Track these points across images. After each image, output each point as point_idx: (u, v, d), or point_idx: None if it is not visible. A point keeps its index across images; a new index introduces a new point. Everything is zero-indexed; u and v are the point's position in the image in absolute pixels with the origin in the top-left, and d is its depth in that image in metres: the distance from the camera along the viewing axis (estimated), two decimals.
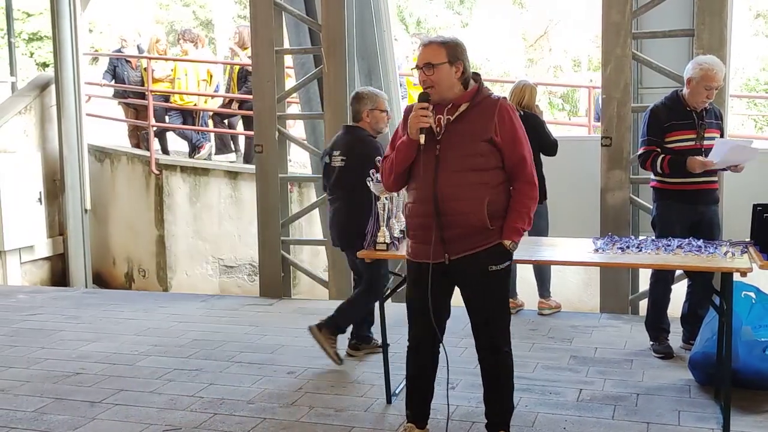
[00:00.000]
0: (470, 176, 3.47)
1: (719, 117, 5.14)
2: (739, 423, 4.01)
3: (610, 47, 6.23)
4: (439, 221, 3.48)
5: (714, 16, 5.99)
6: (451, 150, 3.49)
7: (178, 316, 6.59)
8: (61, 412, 4.40)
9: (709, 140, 4.99)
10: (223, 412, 4.36)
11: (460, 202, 3.46)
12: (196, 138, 10.13)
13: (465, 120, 3.51)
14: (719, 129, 5.12)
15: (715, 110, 5.13)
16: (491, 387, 3.71)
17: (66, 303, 7.24)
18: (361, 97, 5.13)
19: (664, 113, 5.07)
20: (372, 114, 5.10)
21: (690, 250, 4.11)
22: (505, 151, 3.51)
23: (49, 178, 9.77)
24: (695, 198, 5.05)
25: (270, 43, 7.07)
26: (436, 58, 3.49)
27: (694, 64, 5.01)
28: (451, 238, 3.49)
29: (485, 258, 3.52)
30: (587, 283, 7.81)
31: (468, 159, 3.47)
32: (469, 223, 3.48)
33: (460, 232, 3.49)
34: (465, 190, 3.47)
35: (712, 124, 5.07)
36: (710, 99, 4.97)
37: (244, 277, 9.48)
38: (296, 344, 5.63)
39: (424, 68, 3.51)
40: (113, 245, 10.54)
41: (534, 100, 6.28)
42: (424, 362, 3.77)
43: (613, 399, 4.43)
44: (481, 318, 3.63)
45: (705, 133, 5.00)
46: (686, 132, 5.01)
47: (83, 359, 5.38)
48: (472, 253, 3.51)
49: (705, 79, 4.90)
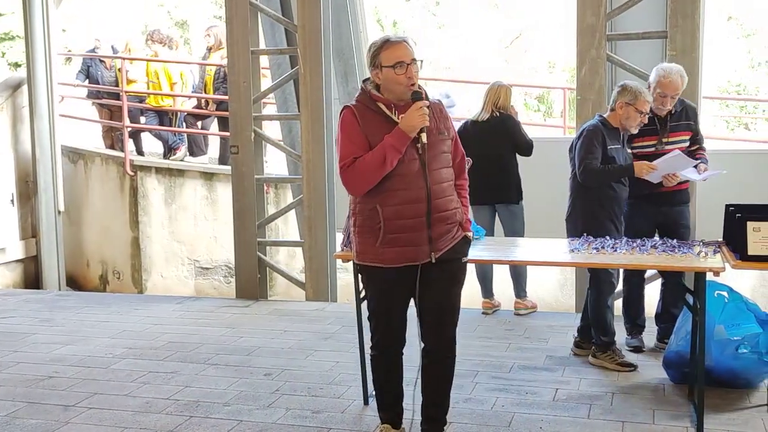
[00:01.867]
0: (445, 173, 3.57)
1: (692, 117, 5.18)
2: (712, 421, 4.05)
3: (585, 49, 6.27)
4: (429, 220, 3.49)
5: (686, 18, 6.05)
6: (430, 149, 3.50)
7: (153, 318, 6.54)
8: (34, 417, 4.35)
9: (673, 144, 5.06)
10: (199, 415, 4.33)
11: (445, 200, 3.54)
12: (172, 139, 10.07)
13: (431, 118, 3.53)
14: (690, 131, 5.15)
15: (688, 110, 5.18)
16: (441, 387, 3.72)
17: (39, 306, 7.17)
18: (624, 88, 4.91)
19: None
20: (626, 109, 4.88)
21: (664, 249, 4.15)
22: (454, 147, 3.67)
23: (21, 180, 9.66)
24: (660, 199, 5.13)
25: (246, 43, 7.05)
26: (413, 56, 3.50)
27: (654, 70, 5.11)
28: (437, 236, 3.52)
29: (459, 251, 3.62)
30: (563, 283, 7.86)
31: (442, 157, 3.57)
32: (454, 219, 3.58)
33: (445, 229, 3.54)
34: (447, 186, 3.57)
35: (681, 126, 5.12)
36: (666, 106, 5.02)
37: (220, 279, 9.44)
38: (272, 346, 5.61)
39: (411, 64, 3.46)
40: (87, 247, 10.45)
41: (509, 101, 6.32)
42: (393, 366, 3.78)
43: (588, 398, 4.45)
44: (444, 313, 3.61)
45: (669, 138, 5.06)
46: (647, 138, 5.10)
47: (56, 362, 5.33)
48: (451, 247, 3.57)
49: (659, 85, 4.99)
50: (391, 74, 3.46)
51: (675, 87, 4.98)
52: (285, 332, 5.98)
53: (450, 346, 3.67)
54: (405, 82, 3.46)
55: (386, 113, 3.51)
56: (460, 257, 3.63)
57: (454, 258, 3.60)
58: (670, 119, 5.09)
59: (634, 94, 4.81)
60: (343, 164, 3.49)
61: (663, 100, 5.00)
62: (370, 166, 3.44)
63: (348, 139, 3.51)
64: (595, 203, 4.92)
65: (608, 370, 4.88)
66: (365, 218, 3.55)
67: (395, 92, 3.50)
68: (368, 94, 3.55)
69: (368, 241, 3.55)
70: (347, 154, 3.49)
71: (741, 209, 4.12)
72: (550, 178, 6.94)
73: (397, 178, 3.47)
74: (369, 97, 3.55)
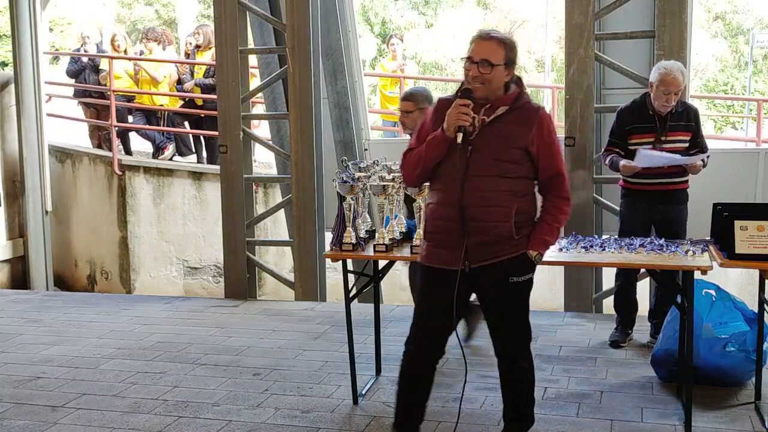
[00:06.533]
0: (499, 183, 3.31)
1: (693, 119, 5.18)
2: (700, 419, 4.07)
3: (573, 48, 6.29)
4: (464, 227, 3.30)
5: (674, 17, 6.08)
6: (483, 153, 3.30)
7: (141, 318, 6.52)
8: (22, 417, 4.33)
9: (671, 143, 5.07)
10: (188, 415, 4.32)
11: (487, 209, 3.31)
12: (160, 139, 10.04)
13: (502, 123, 3.32)
14: (689, 131, 5.14)
15: (689, 111, 5.18)
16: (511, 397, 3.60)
17: (27, 306, 7.13)
18: None
19: (627, 116, 5.21)
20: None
21: (652, 248, 4.17)
22: (541, 162, 3.37)
23: (8, 179, 9.62)
24: (655, 197, 5.16)
25: (234, 42, 7.03)
26: (495, 57, 3.28)
27: (655, 69, 5.10)
28: (473, 246, 3.32)
29: (507, 268, 3.37)
30: (551, 282, 7.87)
31: (499, 164, 3.31)
32: (496, 231, 3.32)
33: (484, 240, 3.32)
34: (493, 196, 3.31)
35: (680, 126, 5.12)
36: (670, 103, 5.03)
37: (209, 279, 9.41)
38: (262, 345, 5.60)
39: (479, 64, 3.28)
40: (75, 247, 10.41)
41: None
42: (424, 373, 3.55)
43: (577, 397, 4.47)
44: (497, 328, 3.49)
45: (667, 137, 5.07)
46: (646, 135, 5.10)
47: (44, 363, 5.30)
48: (494, 261, 3.35)
49: (662, 83, 4.99)
50: (465, 68, 3.35)
51: (677, 83, 4.98)
52: (274, 332, 5.97)
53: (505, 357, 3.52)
54: (468, 79, 3.31)
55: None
56: (507, 277, 3.37)
57: (500, 276, 3.36)
58: (670, 118, 5.10)
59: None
60: (403, 153, 3.54)
61: (667, 97, 5.00)
62: (413, 159, 3.44)
63: (417, 131, 3.53)
64: None
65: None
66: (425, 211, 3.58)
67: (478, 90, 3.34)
68: (459, 88, 3.39)
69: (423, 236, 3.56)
70: (409, 146, 3.52)
71: (729, 208, 4.14)
72: None
73: (441, 177, 3.39)
74: (457, 92, 3.39)
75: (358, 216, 4.27)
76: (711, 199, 4.47)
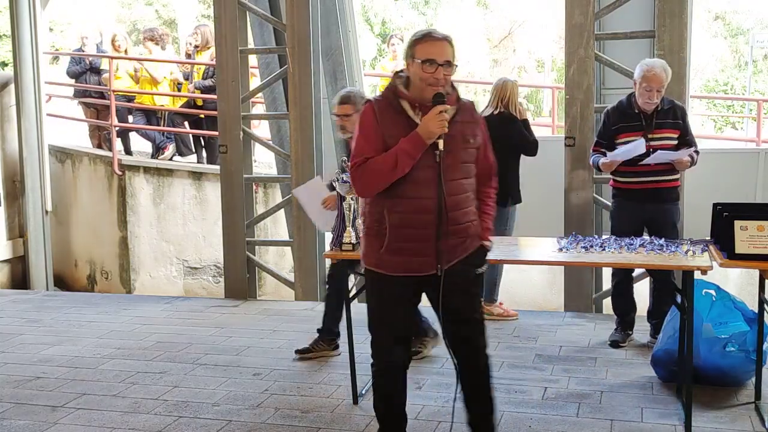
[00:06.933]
0: (464, 184, 3.33)
1: (680, 116, 5.20)
2: (700, 419, 4.07)
3: (573, 48, 6.29)
4: (439, 232, 3.22)
5: (674, 17, 6.08)
6: (450, 156, 3.25)
7: (141, 318, 6.52)
8: (22, 417, 4.33)
9: (659, 141, 5.08)
10: (188, 415, 4.32)
11: (463, 211, 3.31)
12: (160, 139, 10.04)
13: (458, 124, 3.28)
14: (677, 129, 5.16)
15: (676, 110, 5.20)
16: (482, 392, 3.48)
17: (26, 306, 7.13)
18: None
19: (613, 116, 5.26)
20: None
21: (652, 248, 4.17)
22: (481, 155, 3.41)
23: (8, 179, 9.61)
24: (644, 196, 5.18)
25: (234, 42, 7.03)
26: (453, 58, 3.26)
27: (638, 66, 5.15)
28: (448, 248, 3.27)
29: (473, 262, 3.38)
30: (551, 282, 7.88)
31: (463, 166, 3.32)
32: (470, 231, 3.36)
33: (458, 241, 3.32)
34: (464, 198, 3.32)
35: (667, 124, 5.14)
36: (652, 100, 5.05)
37: (209, 279, 9.41)
38: (261, 345, 5.60)
39: (443, 66, 3.21)
40: (75, 247, 10.40)
41: (517, 97, 6.08)
42: (404, 383, 3.51)
43: (577, 397, 4.47)
44: (465, 320, 3.39)
45: (654, 134, 5.08)
46: (632, 134, 5.12)
47: (44, 363, 5.30)
48: (461, 258, 3.34)
49: (644, 80, 5.02)
50: (419, 70, 3.21)
51: (659, 80, 5.01)
52: (274, 332, 5.97)
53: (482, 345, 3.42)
54: (431, 82, 3.20)
55: (408, 113, 3.26)
56: (474, 268, 3.38)
57: (467, 269, 3.35)
58: (657, 116, 5.11)
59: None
60: (354, 163, 3.28)
61: (649, 94, 5.03)
62: (381, 170, 3.21)
63: (363, 136, 3.28)
64: None
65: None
66: (373, 221, 3.33)
67: (421, 91, 3.25)
68: (394, 89, 3.30)
69: (373, 245, 3.33)
70: (359, 153, 3.27)
71: (728, 208, 4.14)
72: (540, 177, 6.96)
73: (409, 184, 3.23)
74: (394, 93, 3.29)
75: (357, 216, 4.26)
76: (711, 199, 4.47)
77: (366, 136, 3.28)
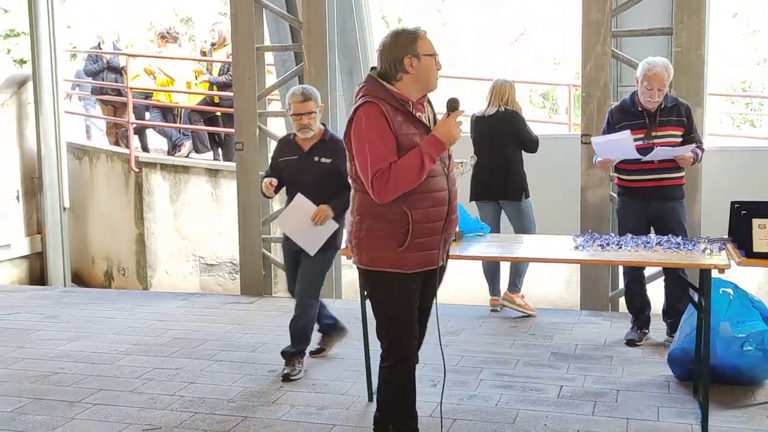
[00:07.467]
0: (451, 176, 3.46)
1: (684, 114, 5.18)
2: (717, 418, 4.05)
3: (590, 45, 6.26)
4: (446, 223, 3.36)
5: (692, 14, 6.04)
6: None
7: (158, 314, 6.56)
8: (40, 413, 4.37)
9: (662, 138, 5.07)
10: (204, 411, 4.34)
11: (455, 202, 3.44)
12: (176, 136, 10.09)
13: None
14: (681, 126, 5.15)
15: (680, 107, 5.18)
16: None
17: (44, 302, 7.18)
18: None
19: (617, 115, 5.27)
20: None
21: (669, 246, 4.14)
22: None
23: (26, 176, 9.69)
24: (647, 194, 5.18)
25: (251, 40, 7.05)
26: None
27: (640, 64, 5.16)
28: (446, 239, 3.42)
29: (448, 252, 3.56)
30: (568, 280, 7.86)
31: (449, 160, 3.43)
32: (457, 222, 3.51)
33: (452, 232, 3.46)
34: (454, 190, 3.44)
35: (671, 122, 5.13)
36: (654, 98, 5.04)
37: (225, 276, 9.44)
38: (277, 342, 5.61)
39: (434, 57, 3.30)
40: (92, 244, 10.47)
41: (514, 97, 6.26)
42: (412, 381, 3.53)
43: (593, 395, 4.45)
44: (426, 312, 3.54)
45: (657, 132, 5.07)
46: (636, 132, 5.10)
47: (62, 359, 5.34)
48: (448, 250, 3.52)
49: (645, 78, 5.04)
50: (431, 64, 3.27)
51: (660, 79, 5.01)
52: None
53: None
54: (433, 74, 3.30)
55: (410, 111, 3.29)
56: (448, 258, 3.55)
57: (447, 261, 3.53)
58: (660, 113, 5.11)
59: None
60: (379, 170, 3.18)
61: (650, 93, 5.04)
62: (409, 174, 3.19)
63: (380, 140, 3.20)
64: None
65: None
66: (388, 222, 3.28)
67: (423, 85, 3.30)
68: (384, 88, 3.29)
69: (388, 245, 3.29)
70: (381, 158, 3.18)
71: (746, 206, 4.11)
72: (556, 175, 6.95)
73: (428, 179, 3.27)
74: (388, 92, 3.28)
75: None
76: (728, 197, 4.44)
77: (383, 139, 3.22)
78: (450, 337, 5.62)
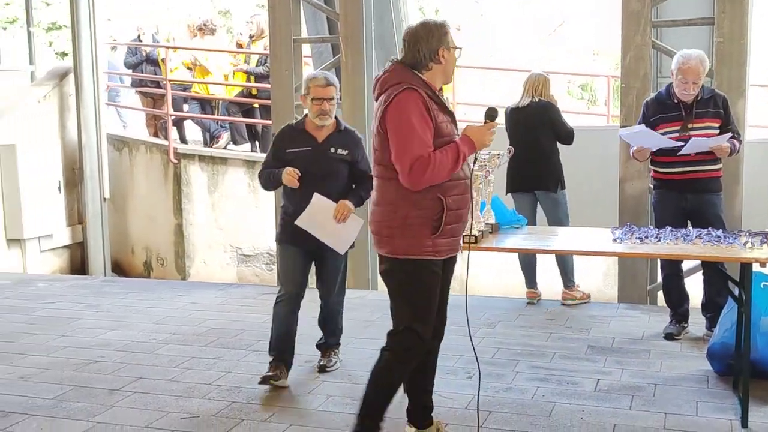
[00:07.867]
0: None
1: (721, 106, 5.11)
2: (757, 414, 3.99)
3: (630, 36, 6.18)
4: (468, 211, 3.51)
5: (734, 3, 5.93)
6: None
7: (196, 304, 6.63)
8: (81, 400, 4.44)
9: (699, 130, 5.00)
10: (240, 401, 4.38)
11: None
12: (214, 128, 10.17)
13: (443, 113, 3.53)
14: (718, 118, 5.08)
15: (717, 99, 5.11)
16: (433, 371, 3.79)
17: (85, 291, 7.30)
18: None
19: (652, 107, 5.22)
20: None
21: (709, 240, 4.08)
22: None
23: (68, 167, 9.84)
24: (682, 186, 5.12)
25: (288, 32, 7.07)
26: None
27: (675, 57, 5.09)
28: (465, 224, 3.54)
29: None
30: (606, 273, 7.79)
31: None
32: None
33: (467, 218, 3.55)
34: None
35: (708, 114, 5.06)
36: (689, 91, 4.99)
37: (262, 266, 9.51)
38: (313, 333, 5.62)
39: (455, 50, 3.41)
40: (132, 234, 10.61)
41: (548, 90, 6.26)
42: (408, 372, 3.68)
43: (630, 389, 4.41)
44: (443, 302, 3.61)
45: (694, 124, 5.00)
46: (671, 124, 5.07)
47: (102, 347, 5.43)
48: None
49: (680, 71, 5.00)
50: (455, 56, 3.40)
51: (695, 73, 4.94)
52: None
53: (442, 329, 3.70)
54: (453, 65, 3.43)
55: (441, 99, 3.37)
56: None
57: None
58: (696, 105, 5.05)
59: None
60: (420, 156, 3.20)
61: (685, 86, 4.99)
62: (446, 168, 3.27)
63: (422, 127, 3.23)
64: None
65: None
66: (423, 209, 3.31)
67: (447, 77, 3.43)
68: (419, 77, 3.33)
69: (423, 233, 3.33)
70: (424, 145, 3.22)
71: None
72: (594, 167, 6.88)
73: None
74: (422, 81, 3.33)
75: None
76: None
77: (424, 126, 3.24)
78: (486, 330, 5.60)
